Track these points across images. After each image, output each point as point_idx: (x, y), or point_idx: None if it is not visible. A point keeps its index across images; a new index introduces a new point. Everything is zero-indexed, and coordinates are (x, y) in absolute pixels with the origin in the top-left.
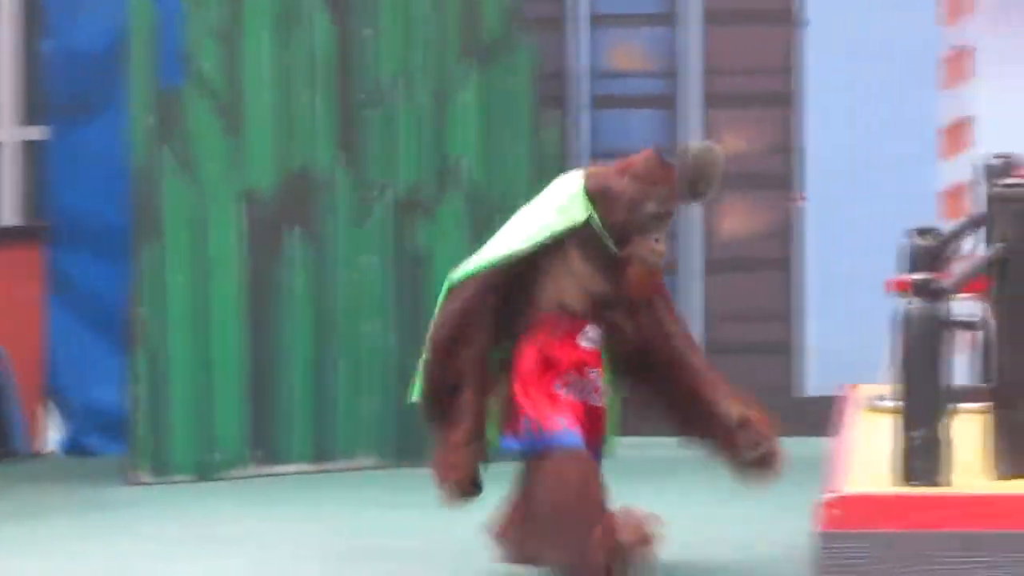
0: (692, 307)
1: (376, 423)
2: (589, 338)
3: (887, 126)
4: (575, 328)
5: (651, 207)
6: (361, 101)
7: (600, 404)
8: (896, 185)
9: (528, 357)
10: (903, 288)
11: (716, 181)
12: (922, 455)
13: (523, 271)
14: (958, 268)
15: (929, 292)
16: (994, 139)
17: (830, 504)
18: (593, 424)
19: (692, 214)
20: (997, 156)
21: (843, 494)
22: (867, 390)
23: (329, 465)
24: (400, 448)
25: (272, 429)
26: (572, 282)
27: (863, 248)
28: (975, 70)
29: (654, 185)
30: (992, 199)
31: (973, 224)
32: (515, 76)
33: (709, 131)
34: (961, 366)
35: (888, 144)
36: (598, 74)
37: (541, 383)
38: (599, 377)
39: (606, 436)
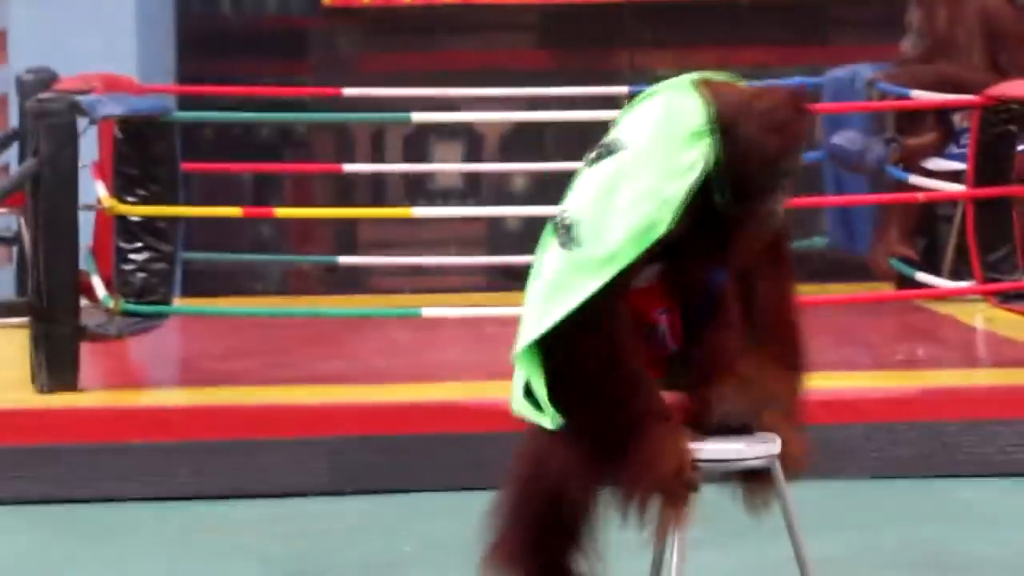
0: None
1: None
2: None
3: None
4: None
5: (787, 162)
6: None
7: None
8: None
9: None
10: None
11: None
12: None
13: None
14: None
15: None
16: (29, 53)
17: None
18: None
19: None
20: (31, 70)
21: None
22: None
23: None
24: None
25: None
26: None
27: None
28: None
29: (792, 137)
30: (27, 113)
31: (10, 138)
32: None
33: None
34: (1, 280)
35: None
36: None
37: None
38: (668, 313)
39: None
